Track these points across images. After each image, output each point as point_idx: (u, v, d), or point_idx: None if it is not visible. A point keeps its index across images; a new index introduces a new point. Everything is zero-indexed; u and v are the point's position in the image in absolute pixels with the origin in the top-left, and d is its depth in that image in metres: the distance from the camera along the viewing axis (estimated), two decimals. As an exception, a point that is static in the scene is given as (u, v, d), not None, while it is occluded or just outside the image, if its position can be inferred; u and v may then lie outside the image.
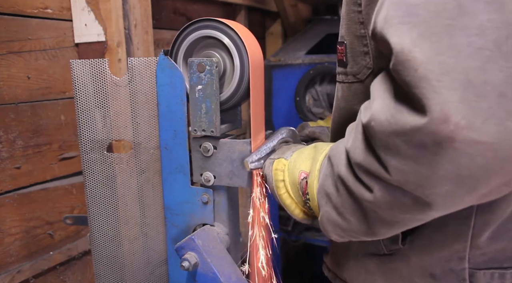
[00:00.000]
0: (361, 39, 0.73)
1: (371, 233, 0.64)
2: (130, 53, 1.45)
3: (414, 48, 0.49)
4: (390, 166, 0.54)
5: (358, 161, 0.59)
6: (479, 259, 0.71)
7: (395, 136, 0.51)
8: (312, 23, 2.60)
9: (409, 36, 0.50)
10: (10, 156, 1.25)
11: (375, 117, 0.54)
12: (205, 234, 0.90)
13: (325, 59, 2.09)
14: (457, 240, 0.70)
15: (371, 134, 0.55)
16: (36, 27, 1.31)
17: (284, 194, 0.82)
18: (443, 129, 0.47)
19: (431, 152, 0.49)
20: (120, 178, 1.00)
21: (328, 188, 0.68)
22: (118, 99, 0.96)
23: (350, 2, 0.74)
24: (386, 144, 0.53)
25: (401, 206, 0.56)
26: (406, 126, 0.50)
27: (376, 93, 0.56)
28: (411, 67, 0.49)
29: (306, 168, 0.79)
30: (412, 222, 0.60)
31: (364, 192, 0.59)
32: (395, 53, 0.51)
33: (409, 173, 0.52)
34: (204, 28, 0.88)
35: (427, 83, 0.48)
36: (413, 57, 0.49)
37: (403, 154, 0.52)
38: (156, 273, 1.04)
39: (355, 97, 0.78)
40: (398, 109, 0.51)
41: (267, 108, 2.19)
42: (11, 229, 1.27)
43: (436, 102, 0.47)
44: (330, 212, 0.68)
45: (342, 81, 0.80)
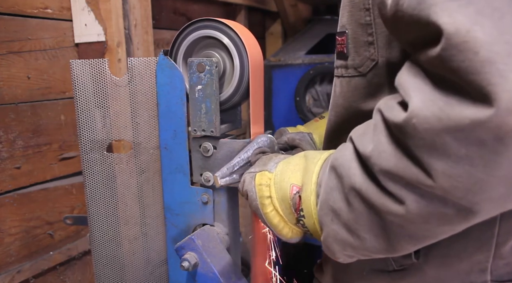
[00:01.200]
0: (365, 28, 0.67)
1: (391, 250, 0.57)
2: (130, 53, 1.45)
3: (474, 26, 0.42)
4: (435, 170, 0.46)
5: (386, 167, 0.50)
6: (502, 270, 0.64)
7: (446, 134, 0.44)
8: (312, 23, 2.60)
9: (465, 14, 0.43)
10: (10, 156, 1.25)
11: (417, 113, 0.46)
12: (205, 234, 0.90)
13: (325, 59, 2.09)
14: (479, 250, 0.64)
15: (410, 134, 0.47)
16: (36, 27, 1.31)
17: (271, 212, 0.72)
18: (510, 121, 0.40)
19: (491, 150, 0.43)
20: (120, 178, 1.00)
21: (334, 203, 0.60)
22: (118, 99, 0.96)
23: None
24: (432, 144, 0.45)
25: (440, 218, 0.49)
26: (464, 120, 0.43)
27: (411, 86, 0.48)
28: (469, 50, 0.42)
29: (297, 181, 0.69)
30: (447, 234, 0.53)
31: (391, 205, 0.51)
32: (446, 35, 0.43)
33: (459, 177, 0.45)
34: (204, 28, 0.88)
35: (491, 67, 0.41)
36: (473, 38, 0.42)
37: (453, 155, 0.44)
38: (156, 273, 1.04)
39: (356, 93, 0.71)
40: (447, 101, 0.44)
41: (267, 108, 2.19)
42: (11, 229, 1.27)
43: (504, 88, 0.40)
44: (337, 230, 0.60)
45: (341, 75, 0.73)
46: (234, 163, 0.81)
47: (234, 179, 0.80)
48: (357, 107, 0.71)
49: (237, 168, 0.81)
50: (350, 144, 0.60)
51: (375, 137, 0.53)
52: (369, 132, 0.55)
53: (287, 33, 2.84)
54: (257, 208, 0.73)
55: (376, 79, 0.68)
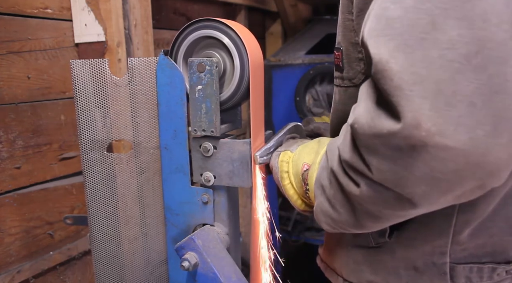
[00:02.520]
0: (355, 46, 0.76)
1: (359, 226, 0.68)
2: (130, 53, 1.45)
3: (390, 59, 0.53)
4: (372, 165, 0.57)
5: (346, 158, 0.62)
6: (459, 254, 0.75)
7: (374, 139, 0.55)
8: (312, 23, 2.60)
9: (386, 48, 0.53)
10: (10, 156, 1.25)
11: (357, 120, 0.58)
12: (205, 234, 0.90)
13: (325, 59, 2.09)
14: (440, 236, 0.75)
15: (355, 135, 0.59)
16: (36, 27, 1.31)
17: (287, 184, 0.86)
18: (415, 134, 0.51)
19: (407, 154, 0.53)
20: (120, 178, 1.00)
21: (323, 180, 0.71)
22: (118, 99, 0.96)
23: (345, 11, 0.77)
24: (367, 145, 0.57)
25: (384, 201, 0.60)
26: (383, 130, 0.54)
27: (361, 97, 0.60)
28: (387, 77, 0.52)
29: (309, 160, 0.82)
30: (394, 218, 0.64)
31: (352, 187, 0.63)
32: (374, 63, 0.54)
33: (388, 172, 0.56)
34: (204, 28, 0.88)
35: (401, 92, 0.51)
36: (389, 68, 0.52)
37: (382, 155, 0.55)
38: (156, 273, 1.04)
39: (351, 100, 0.79)
40: (378, 113, 0.55)
41: (267, 108, 2.19)
42: (11, 229, 1.27)
43: (409, 109, 0.51)
44: (323, 202, 0.72)
45: (339, 85, 0.83)
46: (271, 145, 0.92)
47: (269, 159, 0.91)
48: None
49: (273, 149, 0.92)
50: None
51: (345, 134, 0.65)
52: (345, 129, 0.67)
53: (287, 33, 2.84)
54: (278, 180, 0.87)
55: None
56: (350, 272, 0.85)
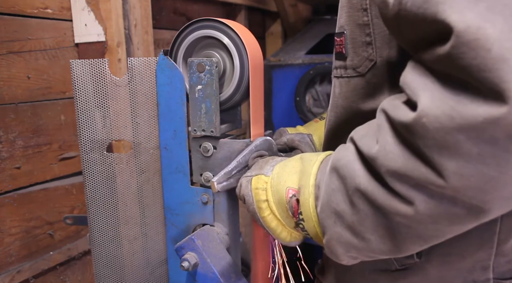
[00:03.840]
0: (363, 28, 0.67)
1: (396, 251, 0.57)
2: (130, 53, 1.45)
3: (484, 24, 0.41)
4: (447, 170, 0.46)
5: (393, 167, 0.50)
6: (504, 267, 0.65)
7: (458, 133, 0.44)
8: (312, 23, 2.60)
9: (475, 11, 0.42)
10: (10, 156, 1.25)
11: (427, 112, 0.45)
12: (205, 234, 0.90)
13: (325, 59, 2.09)
14: (481, 248, 0.64)
15: (420, 133, 0.46)
16: (36, 27, 1.31)
17: (268, 216, 0.72)
18: None
19: (503, 148, 0.43)
20: (120, 178, 1.00)
21: (337, 205, 0.59)
22: (118, 99, 0.96)
23: None
24: (444, 143, 0.45)
25: (450, 218, 0.49)
26: (477, 118, 0.42)
27: (418, 86, 0.48)
28: (481, 47, 0.41)
29: (293, 184, 0.68)
30: (456, 233, 0.53)
31: (399, 206, 0.51)
32: (456, 32, 0.43)
33: (471, 177, 0.45)
34: (204, 28, 0.88)
35: (504, 64, 0.40)
36: (484, 35, 0.41)
37: (465, 154, 0.44)
38: (156, 273, 1.04)
39: (355, 93, 0.71)
40: (458, 100, 0.44)
41: (267, 108, 2.19)
42: (11, 229, 1.27)
43: None
44: (341, 232, 0.59)
45: (340, 76, 0.73)
46: (232, 167, 0.80)
47: (232, 184, 0.80)
48: (356, 108, 0.71)
49: (235, 172, 0.80)
50: (351, 144, 0.59)
51: (380, 138, 0.52)
52: (373, 133, 0.55)
53: (287, 33, 2.84)
54: (255, 212, 0.73)
55: (374, 80, 0.68)
56: None
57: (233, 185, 0.80)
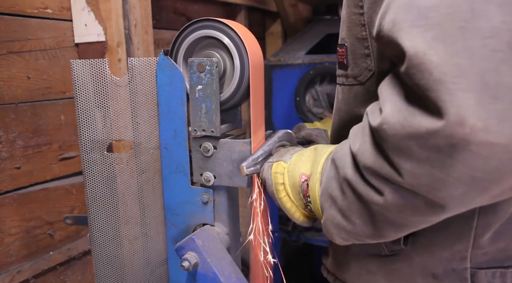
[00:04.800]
0: (362, 42, 0.73)
1: (377, 236, 0.64)
2: (130, 53, 1.45)
3: (429, 51, 0.49)
4: (403, 169, 0.53)
5: (367, 164, 0.58)
6: (480, 258, 0.71)
7: (408, 139, 0.51)
8: (312, 23, 2.60)
9: (423, 39, 0.50)
10: (10, 156, 1.25)
11: (387, 120, 0.53)
12: (205, 234, 0.90)
13: (325, 59, 2.09)
14: (459, 240, 0.71)
15: (383, 137, 0.54)
16: (36, 27, 1.31)
17: (284, 197, 0.82)
18: (459, 132, 0.47)
19: (446, 154, 0.49)
20: (120, 178, 1.00)
21: (332, 190, 0.67)
22: (118, 99, 0.96)
23: (351, 5, 0.73)
24: (399, 147, 0.52)
25: (412, 208, 0.56)
26: (421, 129, 0.49)
27: (386, 96, 0.56)
28: (425, 70, 0.49)
29: (306, 170, 0.78)
30: (422, 224, 0.60)
31: (373, 195, 0.59)
32: (408, 56, 0.50)
33: (422, 176, 0.52)
34: (204, 28, 0.88)
35: (442, 85, 0.47)
36: (428, 60, 0.48)
37: (416, 157, 0.51)
38: (156, 273, 1.04)
39: (356, 100, 0.78)
40: (411, 112, 0.51)
41: (267, 108, 2.19)
42: (11, 229, 1.27)
43: (452, 105, 0.47)
44: (334, 215, 0.68)
45: (342, 83, 0.80)
46: (258, 154, 0.88)
47: (257, 169, 0.87)
48: (357, 112, 0.78)
49: (261, 159, 0.88)
50: (348, 140, 0.67)
51: (362, 137, 0.60)
52: (359, 132, 0.63)
53: (287, 33, 2.84)
54: (273, 193, 0.83)
55: (373, 88, 0.74)
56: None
57: (258, 170, 0.88)
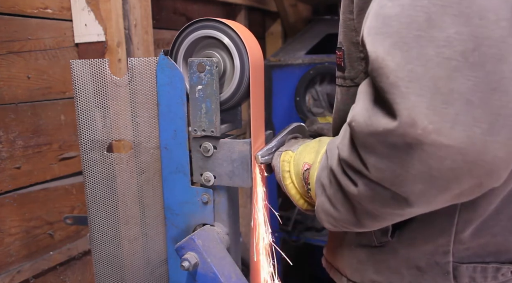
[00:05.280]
0: (357, 46, 0.76)
1: (359, 224, 0.68)
2: (130, 53, 1.45)
3: (387, 56, 0.52)
4: (369, 164, 0.57)
5: (344, 157, 0.63)
6: (462, 253, 0.75)
7: (370, 137, 0.55)
8: (312, 23, 2.60)
9: (383, 46, 0.53)
10: (10, 156, 1.25)
11: (355, 118, 0.58)
12: (205, 234, 0.90)
13: (325, 59, 2.09)
14: (442, 235, 0.74)
15: (353, 133, 0.59)
16: (36, 27, 1.31)
17: (289, 184, 0.87)
18: (411, 132, 0.50)
19: (403, 152, 0.53)
20: (120, 178, 1.00)
21: (323, 179, 0.72)
22: (118, 99, 0.96)
23: (346, 11, 0.76)
24: (364, 143, 0.57)
25: (381, 200, 0.60)
26: (379, 128, 0.54)
27: (359, 96, 0.60)
28: (383, 74, 0.52)
29: (309, 160, 0.83)
30: (392, 217, 0.64)
31: (350, 186, 0.63)
32: (371, 60, 0.54)
33: (384, 171, 0.56)
34: (204, 28, 0.88)
35: (396, 89, 0.51)
36: (385, 65, 0.52)
37: (379, 153, 0.55)
38: (156, 273, 1.04)
39: (353, 100, 0.78)
40: (374, 111, 0.55)
41: (267, 108, 2.19)
42: (11, 229, 1.27)
43: (404, 107, 0.51)
44: (324, 201, 0.72)
45: (341, 85, 0.83)
46: (273, 145, 0.92)
47: (269, 160, 0.91)
48: None
49: (274, 150, 0.92)
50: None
51: (344, 133, 0.65)
52: (344, 127, 0.66)
53: (287, 33, 2.84)
54: (280, 180, 0.88)
55: None
56: (354, 272, 0.85)
57: (271, 161, 0.92)
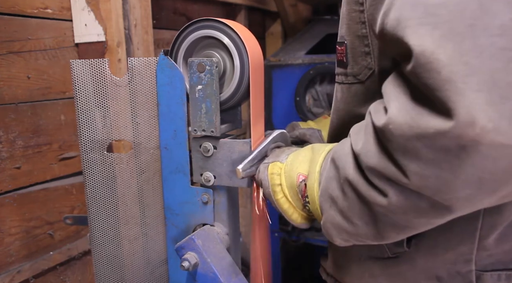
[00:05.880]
0: (362, 39, 0.72)
1: (379, 237, 0.63)
2: (130, 53, 1.45)
3: (437, 49, 0.47)
4: (409, 171, 0.52)
5: (371, 164, 0.57)
6: (485, 261, 0.69)
7: (416, 140, 0.50)
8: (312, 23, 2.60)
9: (431, 38, 0.48)
10: (10, 156, 1.25)
11: (393, 120, 0.52)
12: (205, 234, 0.90)
13: (325, 59, 2.09)
14: (464, 242, 0.69)
15: (388, 137, 0.53)
16: (36, 27, 1.31)
17: (281, 198, 0.80)
18: (469, 133, 0.45)
19: (455, 156, 0.48)
20: (120, 178, 1.00)
21: (332, 191, 0.66)
22: (118, 99, 0.96)
23: (351, 2, 0.72)
24: (405, 148, 0.51)
25: (417, 210, 0.55)
26: (429, 130, 0.48)
27: (391, 95, 0.54)
28: (433, 70, 0.47)
29: (304, 170, 0.76)
30: (425, 226, 0.59)
31: (376, 196, 0.57)
32: (415, 55, 0.49)
33: (429, 178, 0.50)
34: (204, 28, 0.88)
35: (451, 85, 0.46)
36: (436, 59, 0.47)
37: (423, 158, 0.50)
38: (156, 273, 1.04)
39: (355, 99, 0.76)
40: (418, 111, 0.50)
41: (267, 108, 2.19)
42: (11, 229, 1.27)
43: (462, 105, 0.45)
44: (334, 216, 0.66)
45: (341, 82, 0.79)
46: (254, 156, 0.87)
47: (253, 171, 0.87)
48: (357, 112, 0.77)
49: (256, 161, 0.87)
50: (348, 139, 0.66)
51: (365, 137, 0.59)
52: (362, 131, 0.61)
53: (287, 33, 2.84)
54: (270, 195, 0.81)
55: (373, 86, 0.73)
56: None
57: (254, 172, 0.87)
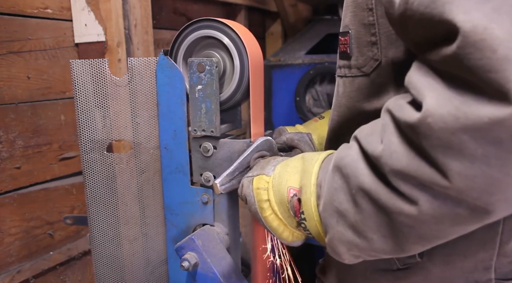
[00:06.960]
0: (368, 28, 0.67)
1: (399, 251, 0.56)
2: (130, 53, 1.45)
3: (491, 24, 0.41)
4: (451, 170, 0.45)
5: (398, 167, 0.49)
6: (506, 268, 0.65)
7: (463, 133, 0.43)
8: (312, 23, 2.60)
9: (482, 11, 0.42)
10: (10, 156, 1.25)
11: (432, 112, 0.45)
12: (205, 234, 0.90)
13: (325, 59, 2.09)
14: (483, 248, 0.64)
15: (425, 133, 0.46)
16: (36, 27, 1.31)
17: (270, 215, 0.71)
18: None
19: (507, 149, 0.42)
20: (120, 178, 1.00)
21: (340, 204, 0.58)
22: (118, 99, 0.96)
23: None
24: (449, 143, 0.44)
25: (453, 218, 0.48)
26: (482, 119, 0.42)
27: (423, 86, 0.47)
28: (487, 48, 0.41)
29: (294, 183, 0.68)
30: (456, 235, 0.52)
31: (403, 205, 0.50)
32: (462, 33, 0.42)
33: (475, 178, 0.44)
34: (204, 28, 0.88)
35: (510, 64, 0.40)
36: (490, 35, 0.41)
37: (470, 154, 0.44)
38: (156, 273, 1.04)
39: (359, 93, 0.71)
40: (463, 100, 0.43)
41: (267, 108, 2.19)
42: (11, 229, 1.27)
43: None
44: (343, 231, 0.59)
45: (344, 75, 0.73)
46: (233, 168, 0.80)
47: (234, 185, 0.80)
48: (360, 107, 0.71)
49: (237, 174, 0.80)
50: (355, 143, 0.59)
51: (385, 138, 0.52)
52: (377, 132, 0.54)
53: (287, 33, 2.84)
54: (256, 212, 0.73)
55: (379, 79, 0.68)
56: None
57: (236, 186, 0.80)
